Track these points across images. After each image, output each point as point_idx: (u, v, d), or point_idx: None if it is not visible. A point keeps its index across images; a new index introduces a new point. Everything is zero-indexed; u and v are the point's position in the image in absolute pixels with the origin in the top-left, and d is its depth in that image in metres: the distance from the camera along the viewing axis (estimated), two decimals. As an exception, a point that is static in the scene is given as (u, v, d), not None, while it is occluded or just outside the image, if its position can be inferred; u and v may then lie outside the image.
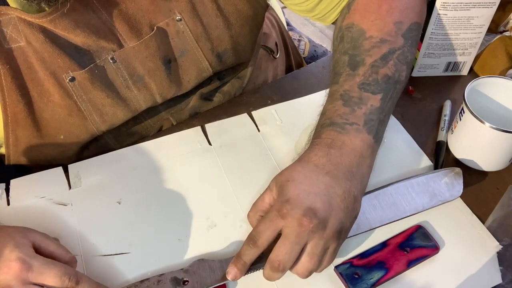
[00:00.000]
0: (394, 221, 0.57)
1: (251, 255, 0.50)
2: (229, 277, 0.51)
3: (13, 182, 0.63)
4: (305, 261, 0.49)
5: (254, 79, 0.83)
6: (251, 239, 0.50)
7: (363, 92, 0.56)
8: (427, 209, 0.58)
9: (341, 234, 0.50)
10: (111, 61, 0.60)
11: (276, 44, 0.91)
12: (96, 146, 0.68)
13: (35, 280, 0.47)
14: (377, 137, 0.55)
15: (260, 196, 0.53)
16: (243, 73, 0.78)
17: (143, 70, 0.63)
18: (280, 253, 0.48)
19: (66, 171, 0.64)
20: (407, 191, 0.59)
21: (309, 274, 0.50)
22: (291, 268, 0.50)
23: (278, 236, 0.50)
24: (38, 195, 0.61)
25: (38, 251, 0.50)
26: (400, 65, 0.58)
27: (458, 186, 0.60)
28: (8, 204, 0.61)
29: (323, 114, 0.57)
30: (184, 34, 0.64)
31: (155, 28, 0.62)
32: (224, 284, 0.53)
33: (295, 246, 0.48)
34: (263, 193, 0.53)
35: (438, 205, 0.58)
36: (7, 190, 0.62)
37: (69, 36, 0.58)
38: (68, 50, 0.58)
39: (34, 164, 0.65)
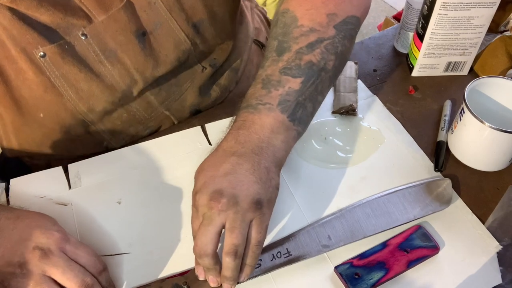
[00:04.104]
0: (387, 229, 0.57)
1: (199, 257, 0.51)
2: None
3: (13, 181, 0.63)
4: (227, 237, 0.49)
5: (248, 73, 0.83)
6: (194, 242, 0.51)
7: (283, 75, 0.56)
8: (418, 219, 0.58)
9: (261, 204, 0.50)
10: (82, 37, 0.60)
11: (267, 39, 0.92)
12: (92, 141, 0.68)
13: (70, 251, 0.50)
14: (294, 117, 0.55)
15: None
16: (236, 65, 0.78)
17: (115, 44, 0.62)
18: (197, 240, 0.49)
19: (66, 171, 0.64)
20: (399, 201, 0.60)
21: (235, 248, 0.48)
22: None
23: None
24: (38, 195, 0.62)
25: None
26: (328, 54, 0.58)
27: (448, 197, 0.60)
28: (8, 203, 0.61)
29: (244, 98, 0.58)
30: (156, 6, 0.63)
31: (124, 0, 0.61)
32: None
33: (208, 227, 0.49)
34: None
35: (429, 214, 0.59)
36: (7, 189, 0.62)
37: (34, 15, 0.57)
38: (36, 27, 0.58)
39: (27, 152, 0.65)
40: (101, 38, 0.61)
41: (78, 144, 0.67)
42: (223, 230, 0.50)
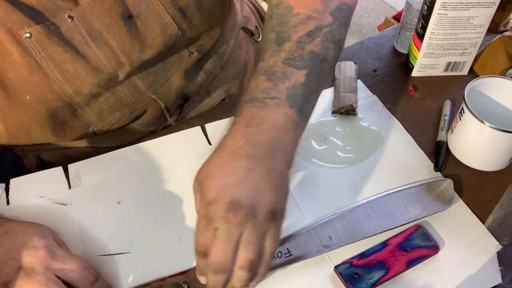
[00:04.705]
0: (388, 230, 0.57)
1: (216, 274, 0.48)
2: None
3: (13, 181, 0.63)
4: (242, 252, 0.46)
5: (235, 58, 0.83)
6: (198, 252, 0.48)
7: (287, 67, 0.54)
8: (420, 219, 0.59)
9: (276, 215, 0.47)
10: (68, 19, 0.60)
11: (256, 27, 0.92)
12: (80, 126, 0.67)
13: (57, 267, 0.49)
14: (301, 113, 0.52)
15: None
16: (222, 50, 0.77)
17: (101, 26, 0.62)
18: (215, 255, 0.46)
19: (66, 171, 0.64)
20: (400, 201, 0.60)
21: (250, 264, 0.46)
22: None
23: None
24: (38, 194, 0.62)
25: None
26: (328, 43, 0.56)
27: (450, 197, 0.60)
28: (8, 203, 0.61)
29: (245, 91, 0.54)
30: None
31: None
32: None
33: (228, 244, 0.46)
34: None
35: (430, 214, 0.59)
36: (7, 189, 0.62)
37: None
38: (22, 8, 0.57)
39: (16, 139, 0.65)
40: (87, 20, 0.61)
41: (65, 128, 0.67)
42: None
